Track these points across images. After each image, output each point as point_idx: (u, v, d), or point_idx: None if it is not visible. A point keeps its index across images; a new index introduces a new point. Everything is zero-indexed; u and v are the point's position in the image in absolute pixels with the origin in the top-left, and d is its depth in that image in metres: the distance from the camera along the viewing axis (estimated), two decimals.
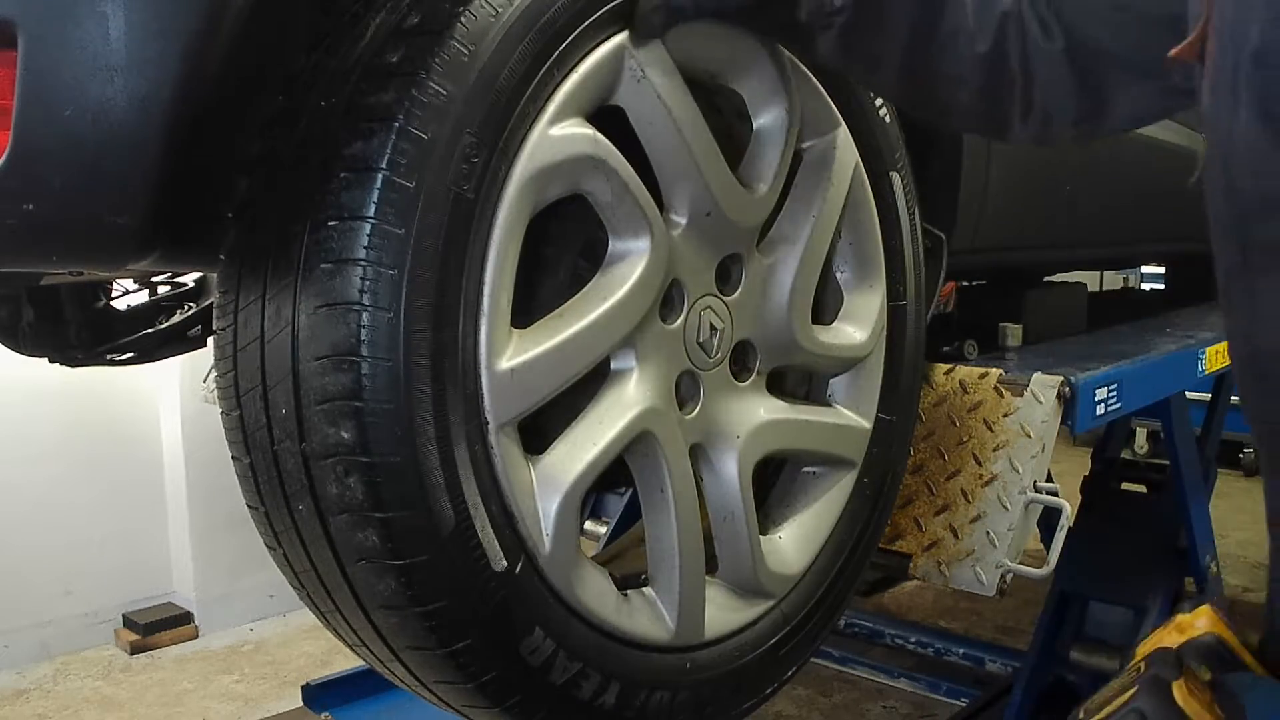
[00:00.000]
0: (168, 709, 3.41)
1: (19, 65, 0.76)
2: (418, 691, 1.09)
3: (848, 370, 1.39)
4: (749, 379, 1.26)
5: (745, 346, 1.26)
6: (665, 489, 1.12)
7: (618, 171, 1.04)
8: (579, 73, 1.02)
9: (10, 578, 3.66)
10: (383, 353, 0.88)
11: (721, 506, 1.21)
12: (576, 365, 1.03)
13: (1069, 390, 1.61)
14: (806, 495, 1.37)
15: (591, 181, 1.04)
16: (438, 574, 0.93)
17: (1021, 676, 2.68)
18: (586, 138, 1.02)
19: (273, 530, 1.02)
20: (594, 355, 1.05)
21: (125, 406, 3.90)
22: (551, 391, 1.01)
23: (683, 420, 1.17)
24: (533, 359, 0.99)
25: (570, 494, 1.02)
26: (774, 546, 1.29)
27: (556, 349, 1.01)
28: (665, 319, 1.15)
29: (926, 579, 1.56)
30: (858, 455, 1.39)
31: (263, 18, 0.86)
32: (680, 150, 1.11)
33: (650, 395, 1.11)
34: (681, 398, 1.18)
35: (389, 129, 0.89)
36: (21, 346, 1.96)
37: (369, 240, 0.88)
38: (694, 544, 1.15)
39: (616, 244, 1.09)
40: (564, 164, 1.00)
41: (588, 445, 1.05)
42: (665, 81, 1.09)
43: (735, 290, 1.24)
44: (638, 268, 1.08)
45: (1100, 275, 5.19)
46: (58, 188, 0.79)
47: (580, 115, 1.03)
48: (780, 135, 1.24)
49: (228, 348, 0.99)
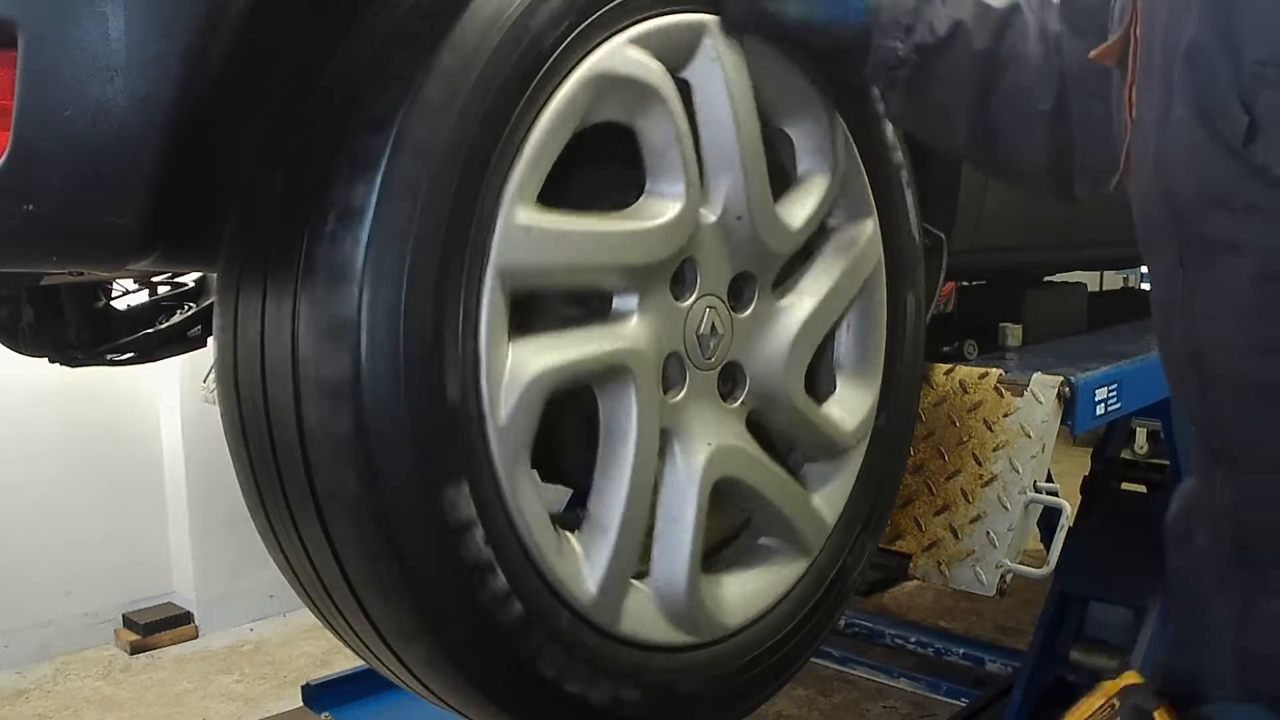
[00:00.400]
0: (168, 709, 3.41)
1: (19, 65, 0.76)
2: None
3: (827, 457, 1.35)
4: (733, 405, 1.23)
5: (736, 370, 1.23)
6: (629, 435, 1.08)
7: (673, 116, 1.07)
8: (660, 21, 1.06)
9: (10, 578, 3.66)
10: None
11: (672, 504, 1.15)
12: (582, 260, 1.04)
13: (1069, 390, 1.61)
14: (756, 563, 1.31)
15: (645, 118, 1.07)
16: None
17: (1021, 676, 2.68)
18: (656, 69, 1.06)
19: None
20: (601, 260, 1.05)
21: (125, 406, 3.90)
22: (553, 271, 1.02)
23: (662, 398, 1.13)
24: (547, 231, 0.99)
25: (530, 387, 0.99)
26: (714, 589, 1.23)
27: (567, 234, 1.01)
28: (675, 295, 1.14)
29: (926, 579, 1.56)
30: (816, 542, 1.33)
31: (263, 18, 0.86)
32: (732, 143, 1.13)
33: (640, 338, 1.09)
34: (668, 380, 1.15)
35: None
36: (21, 346, 1.96)
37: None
38: (639, 505, 1.10)
39: (652, 188, 1.10)
40: (627, 81, 1.03)
41: (563, 349, 1.03)
42: (735, 74, 1.12)
43: (744, 310, 1.23)
44: (663, 214, 1.09)
45: (1100, 275, 5.19)
46: (58, 188, 0.79)
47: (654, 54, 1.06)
48: (816, 190, 1.26)
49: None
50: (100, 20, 0.77)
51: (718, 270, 1.18)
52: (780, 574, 1.30)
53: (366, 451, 0.90)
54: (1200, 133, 0.89)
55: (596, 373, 1.06)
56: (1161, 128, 0.94)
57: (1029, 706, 2.61)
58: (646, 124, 1.07)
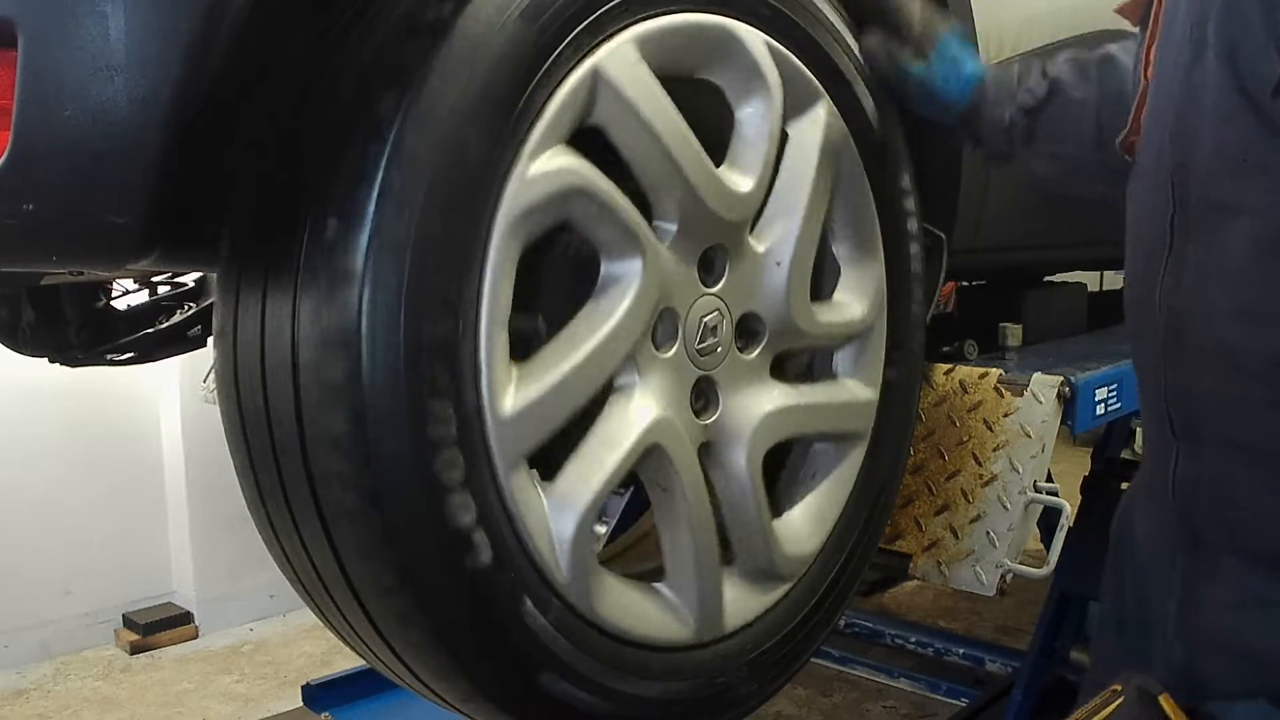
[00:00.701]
0: (168, 709, 3.41)
1: (19, 65, 0.76)
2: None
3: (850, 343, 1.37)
4: (756, 350, 1.24)
5: (748, 318, 1.24)
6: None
7: (601, 197, 1.03)
8: (552, 103, 0.99)
9: (10, 578, 3.66)
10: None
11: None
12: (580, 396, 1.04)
13: (1069, 390, 1.61)
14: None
15: (577, 209, 1.03)
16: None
17: (1021, 676, 2.68)
18: (567, 170, 1.00)
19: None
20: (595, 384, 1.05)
21: (125, 406, 3.90)
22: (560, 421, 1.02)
23: (694, 423, 1.17)
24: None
25: (585, 516, 1.03)
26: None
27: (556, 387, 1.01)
28: (659, 347, 1.13)
29: (926, 579, 1.56)
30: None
31: (263, 18, 0.86)
32: (664, 158, 1.08)
33: (656, 408, 1.10)
34: (697, 407, 1.18)
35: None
36: (21, 346, 1.96)
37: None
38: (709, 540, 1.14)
39: (608, 266, 1.08)
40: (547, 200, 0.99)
41: (597, 467, 1.05)
42: (642, 94, 1.06)
43: (721, 280, 1.20)
44: (632, 288, 1.07)
45: (1100, 275, 5.18)
46: (58, 187, 0.79)
47: (560, 143, 1.01)
48: (763, 122, 1.21)
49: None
50: (100, 20, 0.77)
51: (687, 277, 1.16)
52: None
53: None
54: (1229, 82, 0.90)
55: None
56: (1187, 76, 0.94)
57: (1029, 706, 2.61)
58: (580, 212, 1.04)
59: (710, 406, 1.20)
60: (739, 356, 1.23)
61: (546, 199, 0.98)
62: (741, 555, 1.23)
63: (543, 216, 0.99)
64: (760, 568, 1.24)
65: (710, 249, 1.18)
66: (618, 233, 1.05)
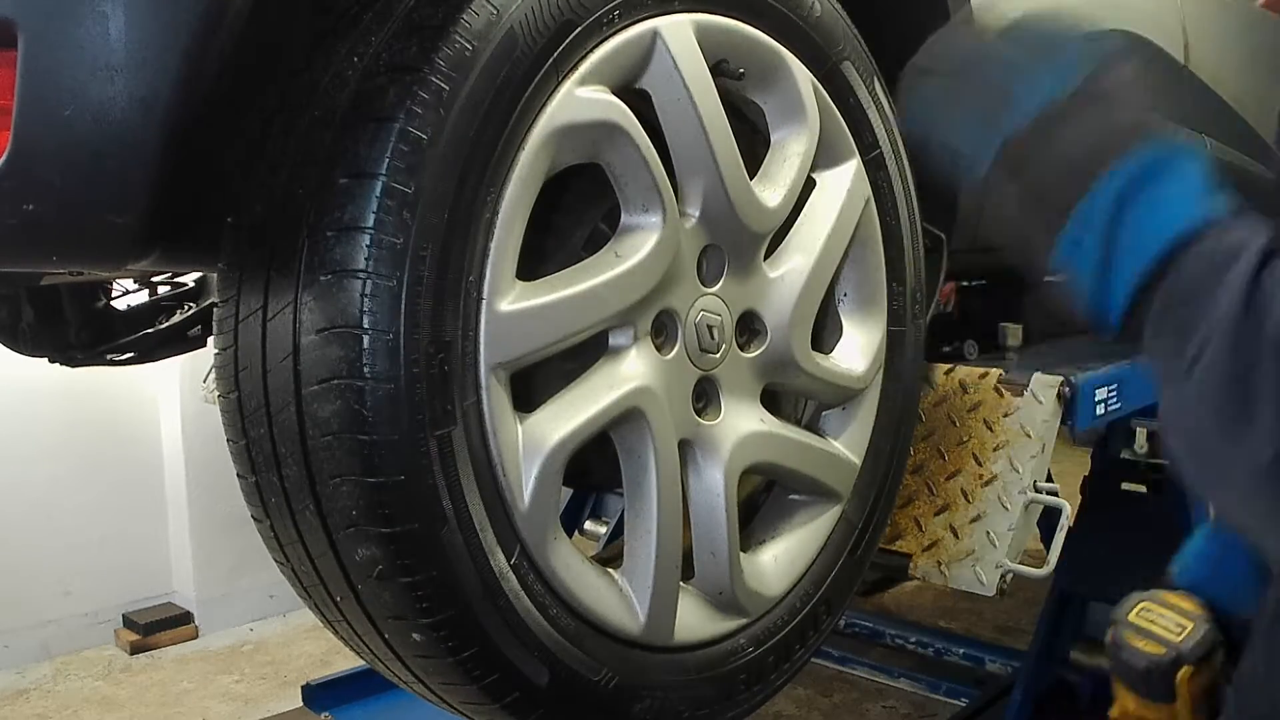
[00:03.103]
0: (168, 709, 3.41)
1: (19, 65, 0.76)
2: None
3: (843, 402, 1.36)
4: (759, 347, 1.25)
5: (749, 315, 1.25)
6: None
7: (636, 143, 1.06)
8: (610, 44, 1.04)
9: (10, 578, 3.65)
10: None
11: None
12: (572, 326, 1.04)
13: (1069, 390, 1.61)
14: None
15: (610, 151, 1.06)
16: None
17: (1021, 676, 2.68)
18: (610, 104, 1.04)
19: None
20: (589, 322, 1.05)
21: (125, 406, 3.89)
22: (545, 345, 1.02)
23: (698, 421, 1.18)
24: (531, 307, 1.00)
25: (554, 453, 1.01)
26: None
27: (554, 304, 1.01)
28: (661, 349, 1.14)
29: (926, 579, 1.56)
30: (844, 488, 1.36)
31: (263, 17, 0.86)
32: (700, 143, 1.11)
33: (643, 374, 1.10)
34: (699, 407, 1.19)
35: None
36: (21, 346, 1.96)
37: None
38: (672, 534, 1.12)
39: (628, 218, 1.09)
40: (585, 126, 1.02)
41: (573, 413, 1.04)
42: (694, 72, 1.10)
43: (720, 282, 1.21)
44: (647, 244, 1.08)
45: None
46: (58, 188, 0.79)
47: (606, 85, 1.05)
48: (797, 153, 1.25)
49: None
50: (100, 20, 0.77)
51: (687, 278, 1.17)
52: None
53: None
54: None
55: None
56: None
57: (1029, 706, 2.61)
58: (611, 157, 1.06)
59: (710, 408, 1.20)
60: (739, 355, 1.23)
61: (586, 125, 1.02)
62: (702, 572, 1.20)
63: (577, 142, 1.03)
64: (719, 590, 1.21)
65: (718, 250, 1.19)
66: (643, 189, 1.08)
